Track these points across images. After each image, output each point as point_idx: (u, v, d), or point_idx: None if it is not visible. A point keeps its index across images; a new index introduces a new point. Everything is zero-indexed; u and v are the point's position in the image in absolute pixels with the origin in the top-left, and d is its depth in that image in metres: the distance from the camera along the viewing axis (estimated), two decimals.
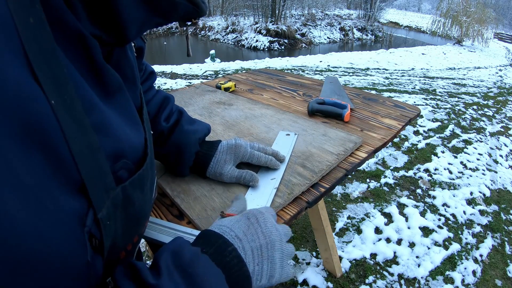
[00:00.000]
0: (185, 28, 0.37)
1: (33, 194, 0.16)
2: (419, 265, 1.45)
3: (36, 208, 0.16)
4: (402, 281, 1.36)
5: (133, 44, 0.38)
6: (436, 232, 1.66)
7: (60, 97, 0.19)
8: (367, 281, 1.35)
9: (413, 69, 7.95)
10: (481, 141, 2.86)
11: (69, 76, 0.20)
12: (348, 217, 1.72)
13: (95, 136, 0.21)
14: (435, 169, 2.27)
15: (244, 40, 15.63)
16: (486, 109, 3.92)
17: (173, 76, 5.62)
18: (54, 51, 0.19)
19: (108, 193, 0.23)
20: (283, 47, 14.78)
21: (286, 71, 5.78)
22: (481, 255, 1.55)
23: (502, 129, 3.25)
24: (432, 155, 2.46)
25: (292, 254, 0.36)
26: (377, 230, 1.65)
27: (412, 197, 1.94)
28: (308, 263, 1.41)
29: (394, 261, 1.47)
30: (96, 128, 0.22)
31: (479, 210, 1.89)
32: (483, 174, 2.31)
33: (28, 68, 0.17)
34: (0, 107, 0.15)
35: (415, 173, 2.20)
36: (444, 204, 1.90)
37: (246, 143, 0.56)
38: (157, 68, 6.81)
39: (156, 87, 0.62)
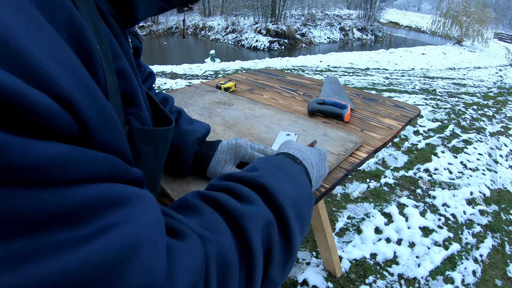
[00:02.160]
0: (183, 12, 0.40)
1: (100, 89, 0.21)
2: (419, 265, 1.45)
3: (102, 95, 0.21)
4: (402, 281, 1.36)
5: (130, 40, 0.40)
6: (436, 232, 1.66)
7: (100, 44, 0.23)
8: (367, 281, 1.35)
9: (413, 69, 7.95)
10: (481, 141, 2.86)
11: (104, 29, 0.25)
12: (348, 217, 1.72)
13: (116, 79, 0.26)
14: (435, 169, 2.27)
15: (244, 40, 15.62)
16: (486, 109, 3.92)
17: (173, 76, 5.62)
18: (95, 10, 0.24)
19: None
20: (283, 47, 14.77)
21: (286, 71, 5.78)
22: (481, 255, 1.55)
23: (502, 129, 3.25)
24: (432, 155, 2.47)
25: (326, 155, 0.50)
26: (377, 230, 1.65)
27: (412, 197, 1.94)
28: (308, 263, 1.41)
29: (394, 261, 1.47)
30: (117, 72, 0.26)
31: (479, 210, 1.89)
32: (483, 174, 2.31)
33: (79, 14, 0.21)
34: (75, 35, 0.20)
35: (415, 173, 2.20)
36: (444, 204, 1.90)
37: (246, 143, 0.56)
38: (157, 68, 6.80)
39: (156, 87, 0.62)
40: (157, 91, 0.62)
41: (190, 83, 4.74)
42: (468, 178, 2.22)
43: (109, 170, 0.19)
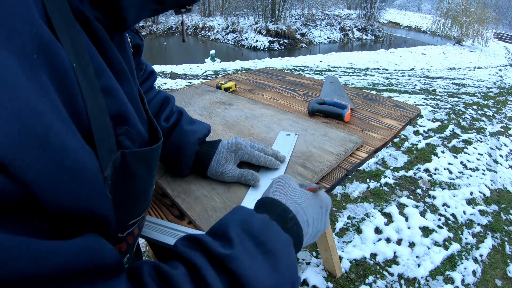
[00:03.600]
0: (181, 14, 0.37)
1: (67, 125, 0.18)
2: (419, 265, 1.45)
3: (73, 133, 0.18)
4: (402, 281, 1.36)
5: (129, 39, 0.39)
6: (436, 232, 1.66)
7: (78, 61, 0.21)
8: (367, 281, 1.35)
9: (413, 69, 7.95)
10: (481, 141, 2.86)
11: (84, 42, 0.23)
12: (348, 217, 1.72)
13: (103, 98, 0.23)
14: (435, 169, 2.27)
15: (244, 40, 15.62)
16: (486, 109, 3.92)
17: (173, 76, 5.62)
18: (73, 20, 0.22)
19: (111, 154, 0.24)
20: (283, 47, 14.77)
21: (286, 71, 5.78)
22: (481, 255, 1.55)
23: (502, 129, 3.25)
24: (432, 155, 2.46)
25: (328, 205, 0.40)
26: (377, 230, 1.65)
27: (412, 197, 1.94)
28: (308, 263, 1.41)
29: (394, 261, 1.47)
30: (104, 90, 0.24)
31: (479, 210, 1.89)
32: (483, 174, 2.31)
33: (50, 31, 0.19)
34: (41, 52, 0.17)
35: (415, 173, 2.20)
36: (444, 204, 1.90)
37: (246, 143, 0.56)
38: (157, 68, 6.80)
39: (156, 87, 0.62)
40: (159, 90, 0.62)
41: (190, 83, 4.74)
42: (468, 178, 2.22)
43: (66, 266, 0.16)
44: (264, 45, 14.66)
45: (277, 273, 0.26)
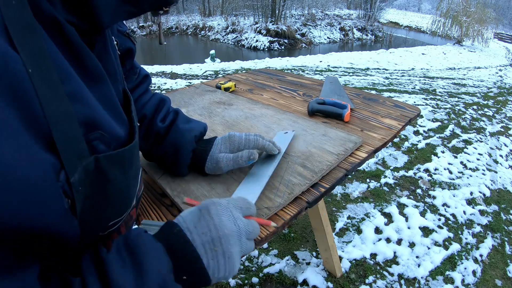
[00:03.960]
0: (158, 16, 0.38)
1: (13, 137, 0.18)
2: (419, 265, 1.45)
3: (16, 148, 0.18)
4: (402, 281, 1.36)
5: (115, 43, 0.39)
6: (436, 232, 1.66)
7: (37, 66, 0.21)
8: (367, 281, 1.35)
9: (413, 69, 7.95)
10: (481, 141, 2.86)
11: (47, 49, 0.22)
12: (348, 217, 1.72)
13: (69, 103, 0.23)
14: (435, 169, 2.27)
15: (244, 40, 15.62)
16: (486, 109, 3.92)
17: (173, 76, 5.62)
18: (33, 27, 0.21)
19: (81, 160, 0.24)
20: (283, 47, 14.77)
21: (286, 71, 5.78)
22: (481, 255, 1.55)
23: (502, 129, 3.25)
24: (432, 155, 2.46)
25: (250, 251, 0.35)
26: (377, 230, 1.65)
27: (412, 197, 1.94)
28: (308, 263, 1.41)
29: (394, 261, 1.46)
30: (71, 96, 0.24)
31: (479, 210, 1.89)
32: (483, 174, 2.31)
33: (6, 37, 0.20)
34: None
35: (415, 173, 2.20)
36: (444, 204, 1.90)
37: (241, 133, 0.56)
38: (157, 68, 6.80)
39: (156, 87, 0.62)
40: (155, 91, 0.62)
41: (190, 83, 4.74)
42: (468, 178, 2.22)
43: None
44: (264, 45, 14.66)
45: (141, 278, 0.27)
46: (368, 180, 2.08)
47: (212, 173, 0.55)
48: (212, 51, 9.16)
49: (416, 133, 2.89)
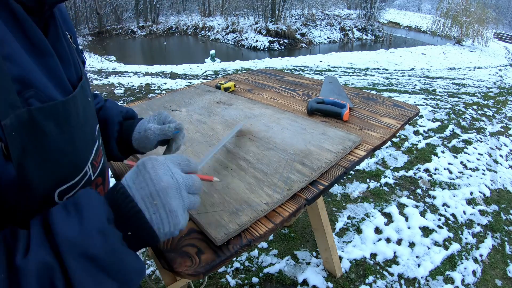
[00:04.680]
0: None
1: None
2: (419, 265, 1.45)
3: None
4: (402, 281, 1.36)
5: (69, 36, 0.41)
6: (436, 232, 1.66)
7: None
8: (367, 281, 1.34)
9: (413, 69, 7.95)
10: (481, 141, 2.86)
11: None
12: (348, 217, 1.72)
13: (3, 62, 0.26)
14: (435, 169, 2.27)
15: (244, 40, 15.63)
16: (486, 109, 3.92)
17: (173, 76, 5.62)
18: None
19: (13, 109, 0.26)
20: (283, 47, 14.77)
21: (286, 71, 5.78)
22: (481, 255, 1.55)
23: (502, 129, 3.25)
24: (432, 155, 2.46)
25: (195, 205, 0.35)
26: (377, 230, 1.65)
27: (412, 197, 1.94)
28: (308, 263, 1.41)
29: (394, 261, 1.46)
30: (5, 57, 0.27)
31: (479, 210, 1.89)
32: (483, 174, 2.31)
33: None
34: None
35: (415, 173, 2.20)
36: (444, 204, 1.90)
37: (168, 113, 0.57)
38: (157, 68, 6.81)
39: (156, 87, 0.63)
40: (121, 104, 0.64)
41: (190, 83, 4.74)
42: (468, 178, 2.22)
43: None
44: (264, 45, 14.66)
45: (81, 223, 0.28)
46: (368, 180, 2.08)
47: (141, 147, 0.54)
48: (212, 51, 9.17)
49: (416, 133, 2.89)
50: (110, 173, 0.63)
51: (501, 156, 2.64)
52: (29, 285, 0.24)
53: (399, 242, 1.58)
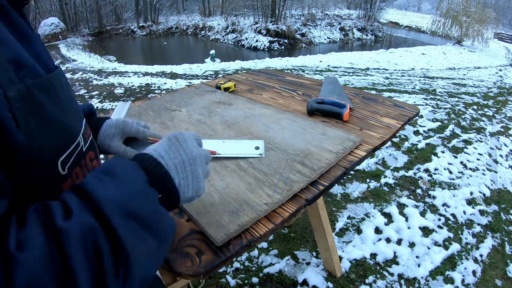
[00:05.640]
0: None
1: None
2: (419, 265, 1.45)
3: None
4: (402, 281, 1.36)
5: (38, 34, 0.44)
6: (436, 232, 1.66)
7: None
8: (367, 281, 1.34)
9: (413, 69, 7.95)
10: (481, 141, 2.86)
11: None
12: (348, 217, 1.72)
13: None
14: (435, 169, 2.27)
15: (244, 40, 15.62)
16: (486, 109, 3.92)
17: (173, 76, 5.62)
18: None
19: (14, 84, 0.29)
20: (283, 47, 14.76)
21: (286, 71, 5.78)
22: (481, 255, 1.55)
23: (502, 129, 3.25)
24: (432, 155, 2.46)
25: (209, 174, 0.42)
26: (377, 230, 1.65)
27: (412, 197, 1.94)
28: (308, 263, 1.41)
29: (394, 261, 1.46)
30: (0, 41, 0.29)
31: (479, 210, 1.89)
32: (483, 174, 2.31)
33: None
34: None
35: (415, 173, 2.20)
36: (444, 204, 1.90)
37: (132, 121, 0.59)
38: (157, 68, 6.80)
39: (156, 87, 0.64)
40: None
41: (190, 83, 4.74)
42: (468, 178, 2.22)
43: None
44: (264, 45, 14.65)
45: (124, 186, 0.31)
46: (368, 180, 2.08)
47: (102, 149, 0.56)
48: (212, 51, 9.17)
49: (416, 133, 2.89)
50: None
51: (501, 156, 2.64)
52: (73, 247, 0.25)
53: (399, 242, 1.58)
